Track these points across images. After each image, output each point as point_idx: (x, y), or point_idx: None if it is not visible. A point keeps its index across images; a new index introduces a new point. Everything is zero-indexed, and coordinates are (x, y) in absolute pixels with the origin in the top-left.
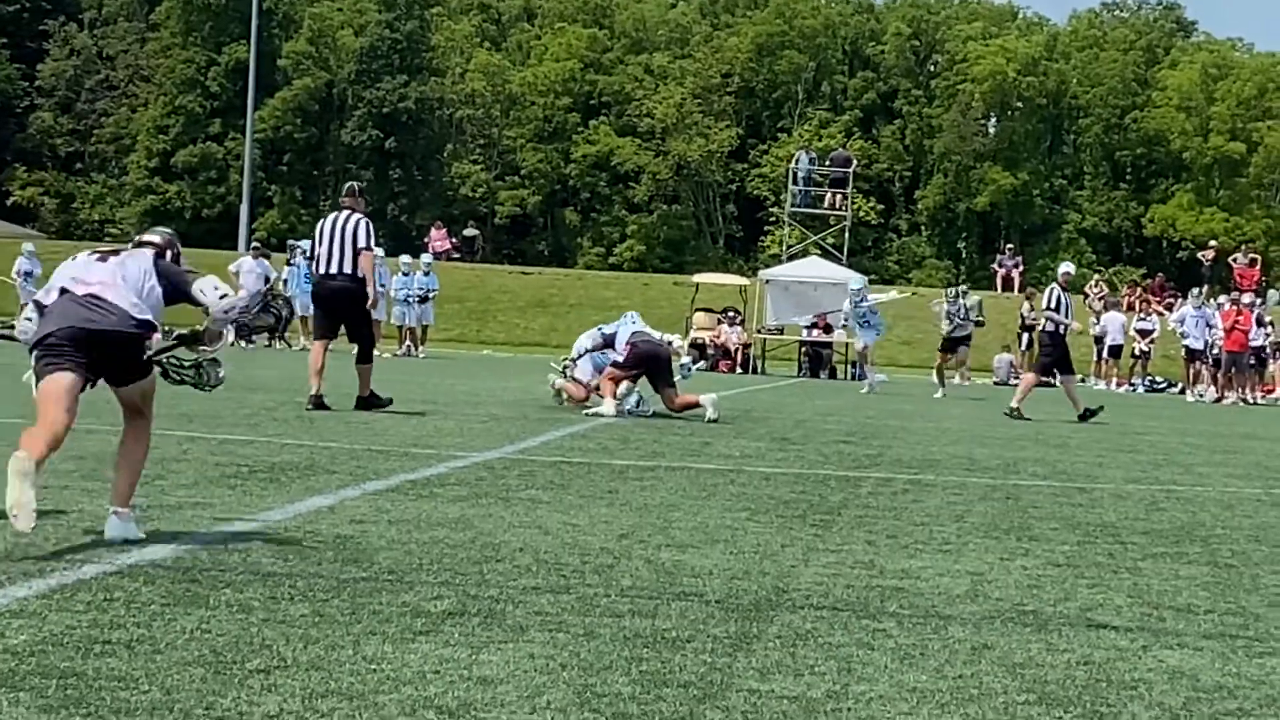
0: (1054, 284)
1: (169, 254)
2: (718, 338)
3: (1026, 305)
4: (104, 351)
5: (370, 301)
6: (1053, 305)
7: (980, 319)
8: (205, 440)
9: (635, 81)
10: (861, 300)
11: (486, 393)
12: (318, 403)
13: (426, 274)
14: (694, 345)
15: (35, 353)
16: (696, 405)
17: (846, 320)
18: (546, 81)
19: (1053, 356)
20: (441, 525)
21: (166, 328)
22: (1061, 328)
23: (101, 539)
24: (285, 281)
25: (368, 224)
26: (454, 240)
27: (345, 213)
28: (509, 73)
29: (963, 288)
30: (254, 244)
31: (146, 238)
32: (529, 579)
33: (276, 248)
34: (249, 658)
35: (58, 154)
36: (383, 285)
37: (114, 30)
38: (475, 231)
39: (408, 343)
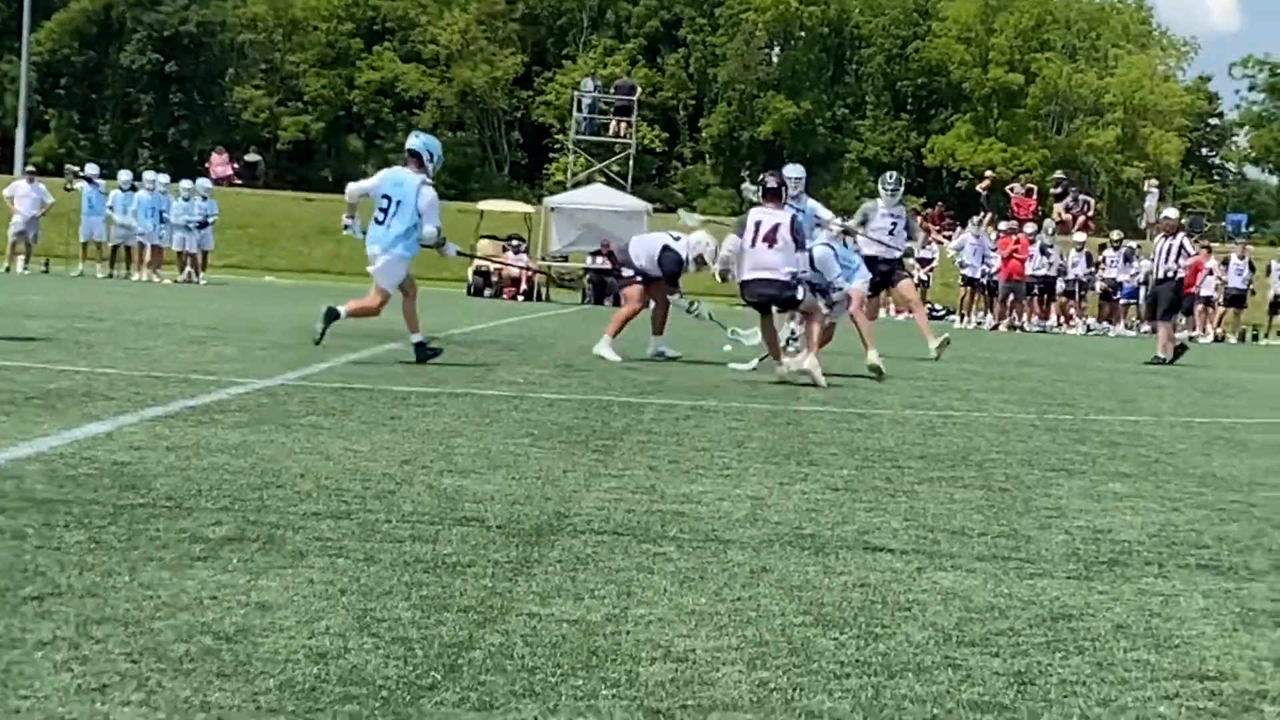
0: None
1: None
2: (503, 266)
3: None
4: None
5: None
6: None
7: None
8: None
9: (419, 7)
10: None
11: (269, 319)
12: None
13: (206, 199)
14: (478, 273)
15: None
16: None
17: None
18: (329, 6)
19: None
20: (221, 452)
21: None
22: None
23: None
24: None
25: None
26: (236, 165)
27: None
28: None
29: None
30: (29, 168)
31: None
32: (309, 505)
33: (54, 172)
34: (22, 585)
35: None
36: (110, 208)
37: None
38: (257, 157)
39: (188, 269)
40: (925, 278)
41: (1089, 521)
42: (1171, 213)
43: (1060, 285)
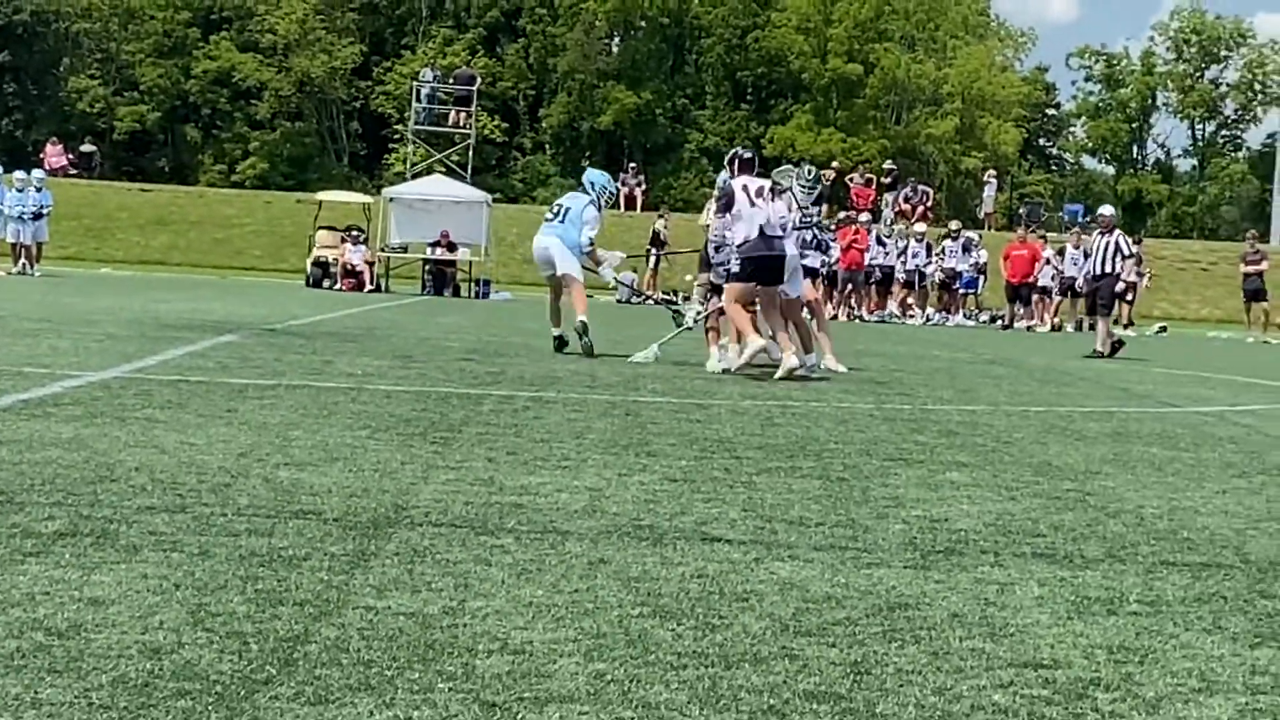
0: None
1: None
2: (341, 256)
3: (661, 223)
4: None
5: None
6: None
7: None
8: None
9: None
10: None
11: (103, 311)
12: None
13: (39, 190)
14: (316, 264)
15: None
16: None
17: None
18: None
19: None
20: (54, 445)
21: None
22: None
23: None
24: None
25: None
26: (71, 156)
27: None
28: None
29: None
30: None
31: None
32: (144, 499)
33: None
34: None
35: None
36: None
37: None
38: (93, 148)
39: (23, 260)
40: None
41: (926, 511)
42: (1107, 210)
43: (899, 275)
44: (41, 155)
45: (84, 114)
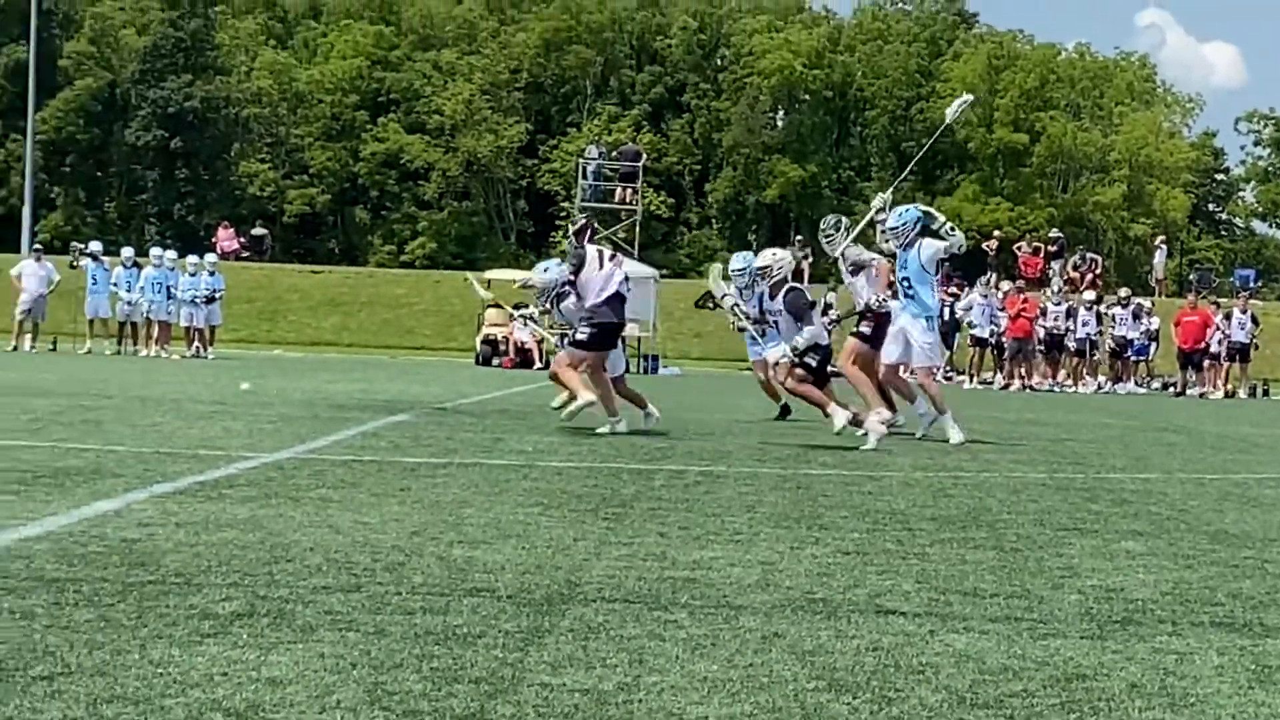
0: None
1: None
2: (510, 334)
3: (832, 295)
4: None
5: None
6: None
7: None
8: None
9: (423, 78)
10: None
11: (276, 392)
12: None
13: (212, 274)
14: (485, 342)
15: None
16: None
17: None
18: (334, 79)
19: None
20: (230, 526)
21: None
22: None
23: None
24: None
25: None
26: (242, 240)
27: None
28: (296, 70)
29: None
30: (35, 247)
31: None
32: (319, 578)
33: (59, 250)
34: (32, 664)
35: None
36: (115, 284)
37: None
38: (264, 230)
39: (196, 344)
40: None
41: (1102, 580)
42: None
43: (1070, 344)
44: (213, 239)
45: (255, 198)
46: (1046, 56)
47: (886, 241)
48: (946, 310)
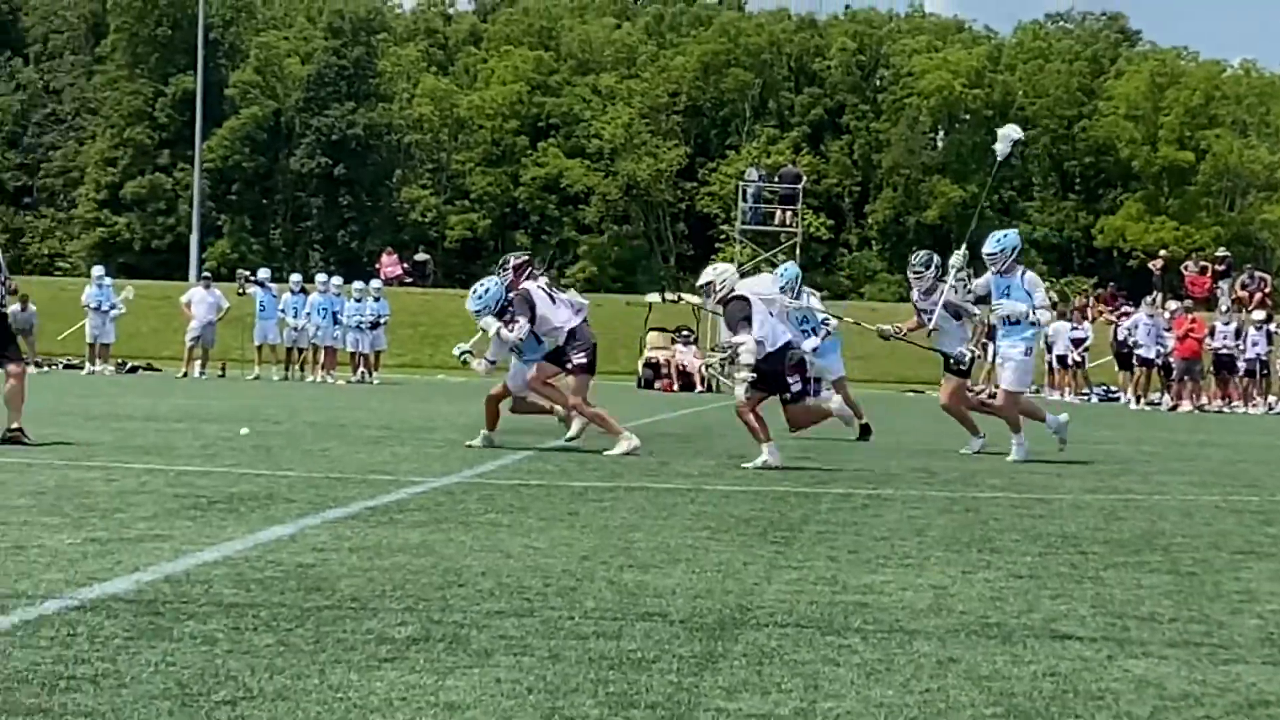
0: None
1: None
2: (673, 358)
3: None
4: None
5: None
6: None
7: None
8: (163, 472)
9: (583, 103)
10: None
11: (441, 417)
12: None
13: (377, 300)
14: (647, 365)
15: None
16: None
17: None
18: (494, 105)
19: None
20: (403, 551)
21: None
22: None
23: (63, 574)
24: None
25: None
26: (405, 265)
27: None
28: (456, 97)
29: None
30: (204, 274)
31: None
32: (492, 603)
33: (227, 277)
34: (215, 690)
35: (5, 189)
36: (283, 311)
37: (60, 64)
38: (426, 256)
39: (361, 369)
40: (1080, 358)
41: None
42: None
43: (1240, 364)
44: (377, 265)
45: (417, 223)
46: (1211, 73)
47: (969, 292)
48: (1119, 331)
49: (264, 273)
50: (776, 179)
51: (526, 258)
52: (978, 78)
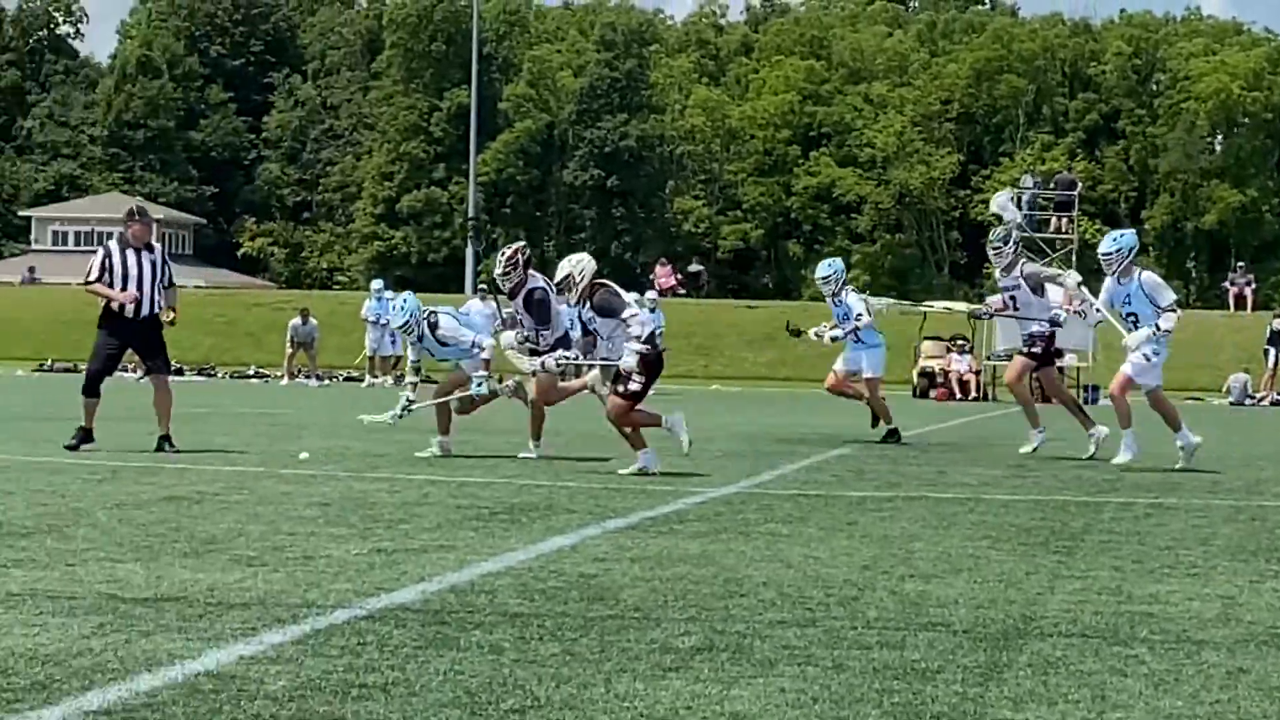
0: None
1: None
2: (948, 366)
3: (1278, 321)
4: None
5: None
6: None
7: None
8: (445, 483)
9: (855, 111)
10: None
11: (718, 428)
12: None
13: (653, 311)
14: (922, 374)
15: None
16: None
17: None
18: (766, 114)
19: None
20: (684, 561)
21: None
22: None
23: (351, 584)
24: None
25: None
26: (679, 276)
27: None
28: (728, 107)
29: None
30: (480, 286)
31: None
32: (774, 613)
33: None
34: (503, 698)
35: (285, 204)
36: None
37: (337, 80)
38: (700, 267)
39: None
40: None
41: None
42: None
43: None
44: (651, 276)
45: (689, 234)
46: None
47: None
48: None
49: None
50: (1051, 185)
51: (526, 248)
52: (1256, 80)
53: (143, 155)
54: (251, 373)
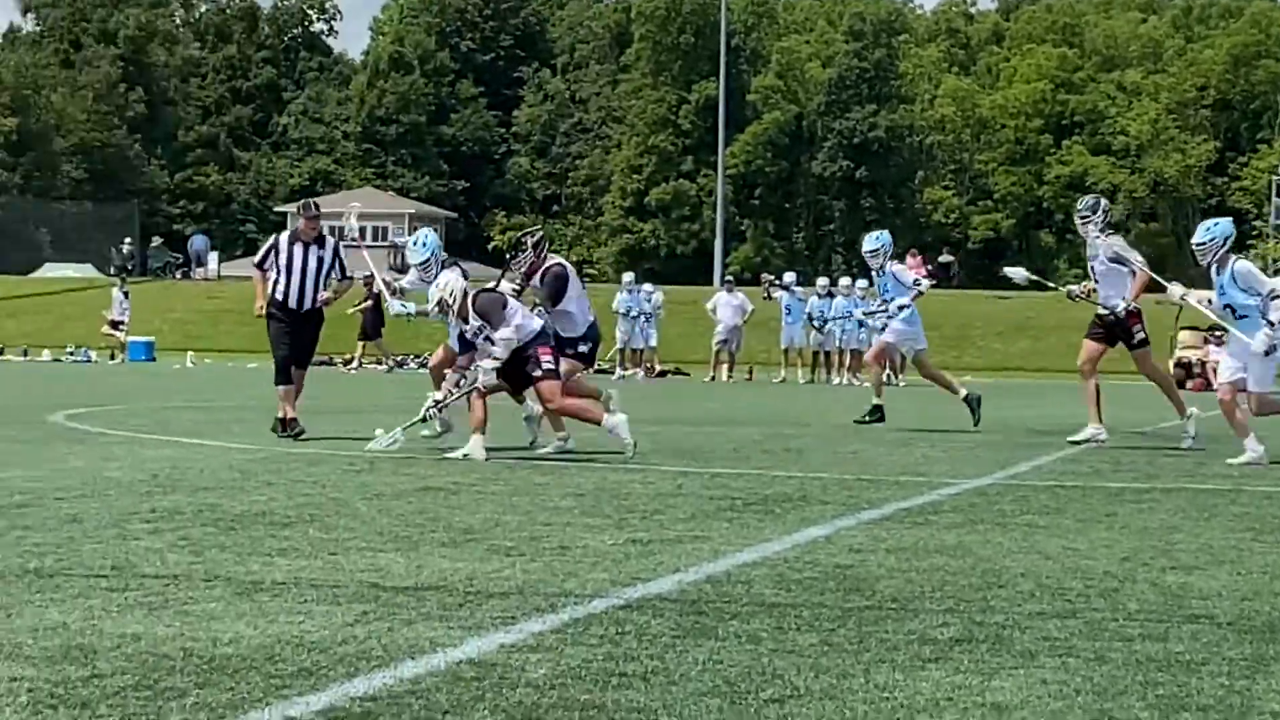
0: None
1: None
2: (1205, 357)
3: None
4: None
5: None
6: None
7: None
8: (698, 475)
9: (1108, 99)
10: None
11: (968, 420)
12: None
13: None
14: (1179, 364)
15: None
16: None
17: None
18: (1017, 103)
19: None
20: (940, 552)
21: None
22: None
23: (608, 573)
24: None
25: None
26: (929, 267)
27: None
28: (979, 96)
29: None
30: (727, 278)
31: None
32: (1033, 604)
33: (751, 281)
34: (762, 688)
35: (535, 197)
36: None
37: (586, 74)
38: (951, 257)
39: (887, 371)
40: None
41: None
42: None
43: None
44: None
45: (939, 224)
46: None
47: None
48: None
49: (789, 276)
50: None
51: (541, 233)
52: None
53: (394, 150)
54: None
